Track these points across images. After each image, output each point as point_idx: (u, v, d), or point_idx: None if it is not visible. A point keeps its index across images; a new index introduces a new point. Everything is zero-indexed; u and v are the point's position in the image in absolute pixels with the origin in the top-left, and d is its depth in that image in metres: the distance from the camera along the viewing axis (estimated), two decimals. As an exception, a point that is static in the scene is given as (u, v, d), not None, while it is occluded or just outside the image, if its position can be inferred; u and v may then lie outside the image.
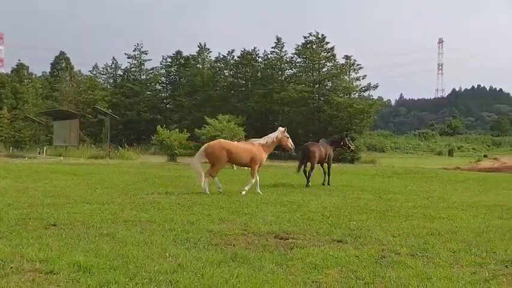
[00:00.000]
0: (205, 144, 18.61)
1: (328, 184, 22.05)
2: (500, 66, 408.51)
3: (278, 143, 19.28)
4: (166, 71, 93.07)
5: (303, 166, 21.89)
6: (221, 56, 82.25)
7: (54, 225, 10.31)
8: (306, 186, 21.15)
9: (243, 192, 17.08)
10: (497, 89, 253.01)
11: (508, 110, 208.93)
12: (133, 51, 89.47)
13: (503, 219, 12.30)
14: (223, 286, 6.44)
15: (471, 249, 8.65)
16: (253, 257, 7.87)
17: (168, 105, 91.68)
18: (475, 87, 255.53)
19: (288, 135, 19.35)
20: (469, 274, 7.18)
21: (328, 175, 22.55)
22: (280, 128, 19.49)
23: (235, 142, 19.87)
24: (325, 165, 22.80)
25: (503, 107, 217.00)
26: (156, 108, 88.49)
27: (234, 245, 8.82)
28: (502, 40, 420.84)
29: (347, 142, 23.98)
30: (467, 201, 15.98)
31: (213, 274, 6.89)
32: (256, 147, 18.46)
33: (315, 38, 69.87)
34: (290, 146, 19.37)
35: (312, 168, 21.89)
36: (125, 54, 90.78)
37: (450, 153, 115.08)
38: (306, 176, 21.72)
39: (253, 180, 17.83)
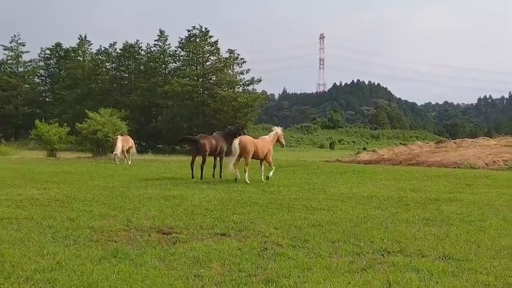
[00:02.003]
0: (237, 139, 20.78)
1: (220, 177, 21.99)
2: (378, 62, 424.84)
3: (277, 139, 22.15)
4: (45, 63, 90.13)
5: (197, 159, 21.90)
6: (103, 49, 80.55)
7: None
8: (200, 179, 21.03)
9: (272, 176, 21.01)
10: (376, 84, 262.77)
11: (386, 103, 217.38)
12: (10, 42, 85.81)
13: (380, 210, 12.73)
14: (103, 283, 6.30)
15: (350, 239, 8.90)
16: (135, 253, 7.78)
17: (47, 99, 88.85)
18: (355, 81, 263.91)
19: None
20: (347, 263, 7.39)
21: (220, 168, 22.48)
22: (279, 128, 22.89)
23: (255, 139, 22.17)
24: (218, 158, 22.72)
25: (381, 101, 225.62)
26: (34, 101, 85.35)
27: (115, 241, 8.67)
28: (380, 37, 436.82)
29: (243, 134, 24.10)
30: (346, 193, 16.42)
31: (93, 271, 6.74)
32: (267, 142, 21.52)
33: (198, 31, 70.00)
34: (284, 142, 22.86)
35: (204, 161, 21.76)
36: (1, 45, 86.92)
37: (331, 146, 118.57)
38: (194, 169, 21.61)
39: (274, 168, 21.74)
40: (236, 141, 20.51)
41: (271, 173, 21.15)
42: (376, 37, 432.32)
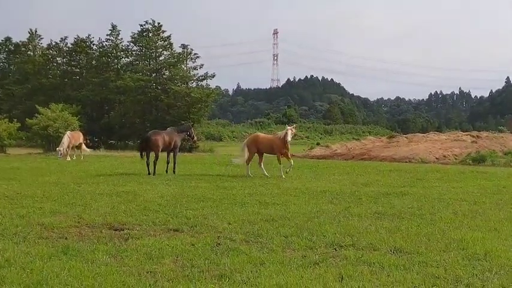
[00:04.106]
0: (246, 139, 23.19)
1: (174, 172, 21.89)
2: (332, 58, 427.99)
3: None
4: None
5: (146, 155, 21.70)
6: (53, 43, 79.02)
7: None
8: (153, 174, 20.89)
9: (267, 175, 21.34)
10: (329, 79, 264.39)
11: (339, 99, 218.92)
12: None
13: (333, 204, 12.83)
14: (53, 280, 6.20)
15: (303, 234, 8.95)
16: (86, 250, 7.67)
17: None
18: (308, 77, 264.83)
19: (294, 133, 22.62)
20: (300, 258, 7.42)
21: (174, 163, 22.34)
22: (292, 125, 23.18)
23: (264, 135, 24.19)
24: (171, 154, 22.56)
25: (334, 96, 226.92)
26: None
27: (66, 238, 8.56)
28: (333, 33, 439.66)
29: (192, 132, 24.15)
30: (300, 188, 16.52)
31: (43, 268, 6.63)
32: (276, 138, 22.34)
33: (151, 26, 69.16)
34: (288, 138, 21.79)
35: (157, 157, 21.59)
36: None
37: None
38: (148, 165, 21.47)
39: (262, 166, 22.00)
40: (246, 139, 22.45)
41: (265, 172, 21.56)
42: (330, 33, 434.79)
